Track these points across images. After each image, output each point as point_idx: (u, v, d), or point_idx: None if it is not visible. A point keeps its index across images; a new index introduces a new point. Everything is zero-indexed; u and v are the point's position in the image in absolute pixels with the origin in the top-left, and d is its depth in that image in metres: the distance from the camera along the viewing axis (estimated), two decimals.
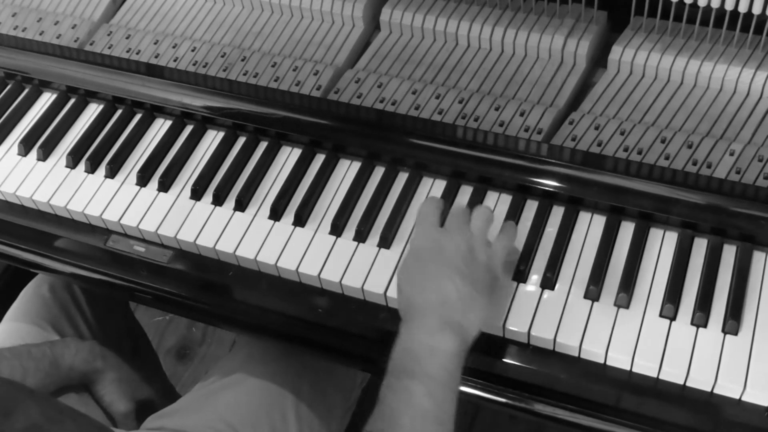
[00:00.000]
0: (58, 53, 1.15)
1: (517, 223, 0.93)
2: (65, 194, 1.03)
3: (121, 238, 1.01)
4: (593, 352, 0.84)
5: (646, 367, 0.83)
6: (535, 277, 0.90)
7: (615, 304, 0.87)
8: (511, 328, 0.86)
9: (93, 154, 1.06)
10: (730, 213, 0.89)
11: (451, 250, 0.81)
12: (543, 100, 1.02)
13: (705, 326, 0.84)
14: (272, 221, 0.98)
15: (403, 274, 0.84)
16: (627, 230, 0.92)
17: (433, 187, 0.98)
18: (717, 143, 0.94)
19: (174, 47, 1.14)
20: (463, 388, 0.89)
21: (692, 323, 0.84)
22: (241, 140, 1.06)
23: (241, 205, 0.99)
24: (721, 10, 0.95)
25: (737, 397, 0.81)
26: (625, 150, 0.95)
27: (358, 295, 0.92)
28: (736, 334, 0.83)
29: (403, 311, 0.81)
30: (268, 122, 1.04)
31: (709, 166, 0.92)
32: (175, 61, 1.12)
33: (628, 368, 0.84)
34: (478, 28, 1.07)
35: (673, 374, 0.82)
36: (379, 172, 1.00)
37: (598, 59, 1.06)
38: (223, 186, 1.01)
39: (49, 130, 1.10)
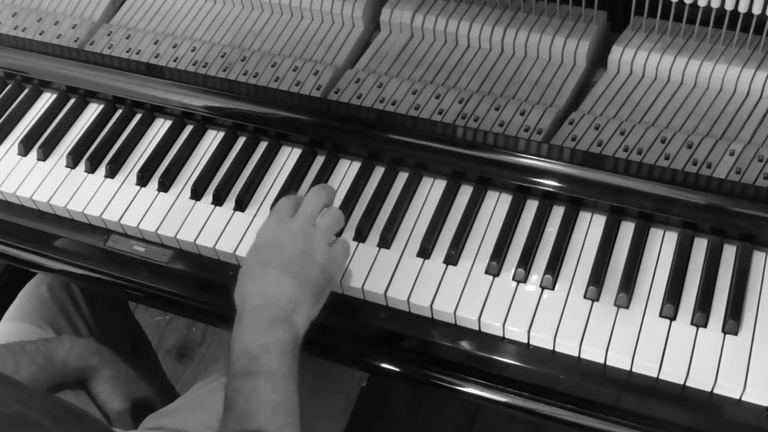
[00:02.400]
0: (58, 53, 1.15)
1: (517, 223, 0.93)
2: (65, 194, 1.03)
3: (121, 238, 1.01)
4: (593, 351, 0.84)
5: (646, 367, 0.83)
6: (535, 278, 0.90)
7: (615, 304, 0.87)
8: (511, 328, 0.87)
9: (93, 154, 1.06)
10: (730, 213, 0.89)
11: (289, 250, 0.84)
12: (543, 100, 1.02)
13: (705, 326, 0.84)
14: None
15: (244, 267, 0.86)
16: (627, 230, 0.92)
17: (433, 187, 0.98)
18: (717, 143, 0.94)
19: (174, 47, 1.14)
20: (463, 388, 0.89)
21: (692, 323, 0.85)
22: (241, 140, 1.06)
23: (241, 205, 0.99)
24: (721, 10, 0.95)
25: (737, 397, 0.81)
26: (625, 150, 0.95)
27: (357, 295, 0.92)
28: (736, 334, 0.83)
29: (238, 303, 0.84)
30: (268, 122, 1.04)
31: (709, 166, 0.92)
32: (175, 61, 1.12)
33: (628, 368, 0.84)
34: (478, 28, 1.07)
35: (673, 374, 0.82)
36: (379, 172, 1.00)
37: (598, 59, 1.06)
38: (223, 186, 1.01)
39: (49, 130, 1.10)
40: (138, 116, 1.10)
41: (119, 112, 1.11)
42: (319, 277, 0.84)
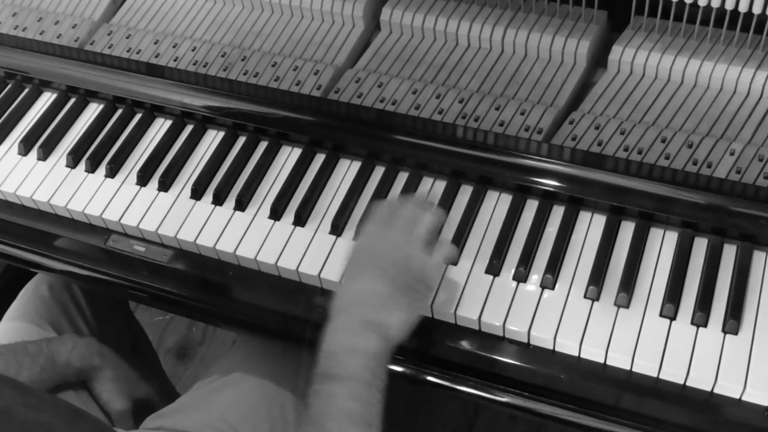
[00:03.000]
0: (59, 53, 1.15)
1: (517, 223, 0.93)
2: (65, 194, 1.03)
3: (121, 237, 1.01)
4: (593, 351, 0.84)
5: (646, 366, 0.83)
6: (535, 277, 0.90)
7: (615, 304, 0.87)
8: (511, 327, 0.87)
9: (93, 154, 1.06)
10: (730, 213, 0.89)
11: (386, 252, 0.83)
12: (543, 99, 1.02)
13: (705, 326, 0.84)
14: (272, 221, 0.98)
15: (346, 267, 0.85)
16: (627, 230, 0.92)
17: (433, 187, 0.98)
18: (717, 143, 0.94)
19: (174, 47, 1.14)
20: (463, 388, 0.89)
21: (692, 323, 0.85)
22: (242, 140, 1.06)
23: (241, 205, 0.99)
24: (722, 10, 0.95)
25: (737, 396, 0.81)
26: (626, 150, 0.95)
27: None
28: (736, 333, 0.83)
29: (334, 303, 0.82)
30: (268, 122, 1.04)
31: (709, 166, 0.92)
32: (175, 60, 1.12)
33: (629, 368, 0.84)
34: (479, 28, 1.07)
35: (673, 374, 0.82)
36: (379, 172, 1.00)
37: (599, 59, 1.06)
38: (223, 186, 1.01)
39: (49, 130, 1.10)
40: (138, 116, 1.10)
41: (119, 111, 1.11)
42: (415, 283, 0.82)
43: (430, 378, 0.90)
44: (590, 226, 0.93)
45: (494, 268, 0.90)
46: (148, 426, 1.00)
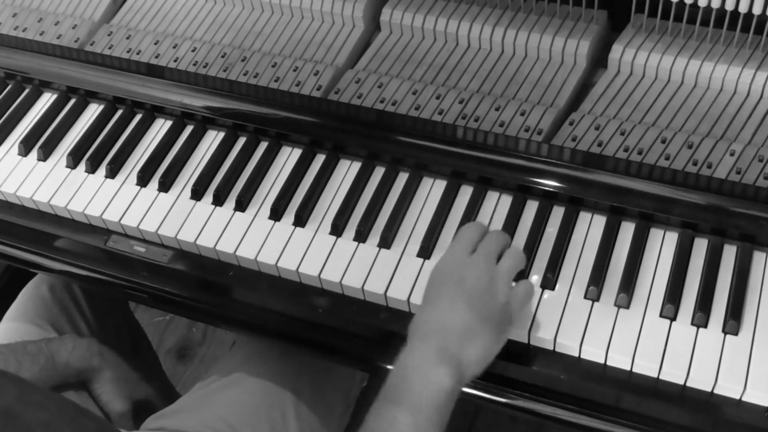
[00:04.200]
0: (59, 53, 1.15)
1: (517, 224, 0.93)
2: (65, 194, 1.03)
3: (121, 238, 1.01)
4: (593, 352, 0.84)
5: (646, 367, 0.83)
6: (535, 278, 0.90)
7: (615, 305, 0.87)
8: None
9: (93, 155, 1.06)
10: (730, 213, 0.89)
11: (471, 280, 0.80)
12: (543, 100, 1.02)
13: (705, 326, 0.84)
14: (272, 221, 0.98)
15: (426, 291, 0.83)
16: (627, 230, 0.92)
17: (433, 187, 0.98)
18: (717, 143, 0.94)
19: (174, 47, 1.14)
20: (463, 388, 0.89)
21: (692, 323, 0.85)
22: (242, 140, 1.06)
23: (241, 206, 0.99)
24: (722, 11, 0.95)
25: (737, 397, 0.81)
26: (626, 150, 0.95)
27: (358, 295, 0.92)
28: (736, 334, 0.83)
29: (411, 327, 0.80)
30: (269, 122, 1.04)
31: (709, 167, 0.92)
32: (175, 61, 1.12)
33: (629, 368, 0.84)
34: (479, 29, 1.07)
35: (673, 374, 0.82)
36: (379, 172, 1.00)
37: (599, 59, 1.06)
38: (223, 186, 1.01)
39: (49, 131, 1.10)
40: (138, 116, 1.10)
41: (119, 112, 1.11)
42: (499, 316, 0.79)
43: None
44: (590, 227, 0.93)
45: None
46: (149, 426, 1.00)
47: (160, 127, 1.09)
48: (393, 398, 0.74)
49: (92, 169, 1.05)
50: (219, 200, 1.00)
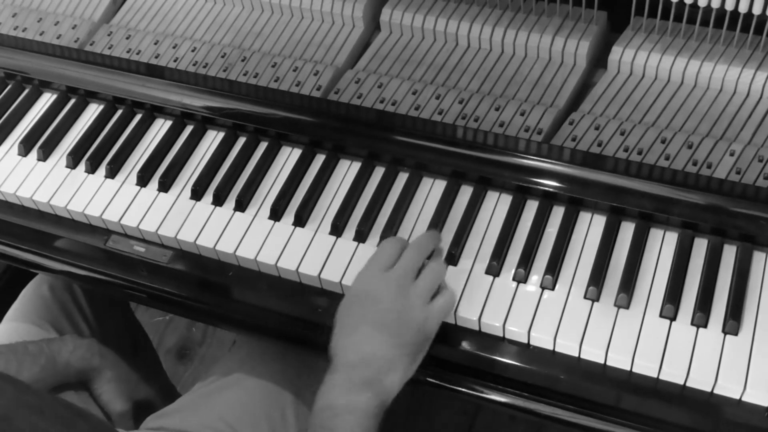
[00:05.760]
0: (59, 53, 1.15)
1: (517, 224, 0.93)
2: (65, 194, 1.03)
3: (121, 238, 1.01)
4: (593, 352, 0.84)
5: (646, 367, 0.83)
6: (535, 278, 0.90)
7: (615, 305, 0.87)
8: (511, 328, 0.87)
9: (93, 155, 1.06)
10: (730, 213, 0.89)
11: (385, 306, 0.81)
12: (543, 100, 1.02)
13: (705, 326, 0.84)
14: (272, 221, 0.98)
15: (340, 317, 0.84)
16: (627, 230, 0.92)
17: (433, 188, 0.98)
18: (717, 143, 0.94)
19: (174, 47, 1.14)
20: (463, 389, 0.89)
21: (692, 323, 0.85)
22: (241, 140, 1.06)
23: (241, 206, 0.99)
24: (721, 11, 0.95)
25: (737, 397, 0.81)
26: (626, 150, 0.95)
27: None
28: (736, 334, 0.83)
29: (332, 355, 0.82)
30: (269, 122, 1.04)
31: (709, 167, 0.92)
32: (175, 61, 1.12)
33: (628, 368, 0.84)
34: (478, 29, 1.07)
35: (673, 374, 0.82)
36: (379, 172, 1.00)
37: (598, 59, 1.06)
38: (223, 186, 1.01)
39: (49, 131, 1.10)
40: (138, 116, 1.10)
41: (119, 112, 1.11)
42: (416, 337, 0.81)
43: (430, 378, 0.90)
44: (590, 227, 0.93)
45: (494, 268, 0.90)
46: (149, 426, 1.00)
47: (160, 127, 1.09)
48: (323, 426, 0.77)
49: (92, 169, 1.05)
50: (219, 200, 1.00)
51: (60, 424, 0.63)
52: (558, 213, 0.94)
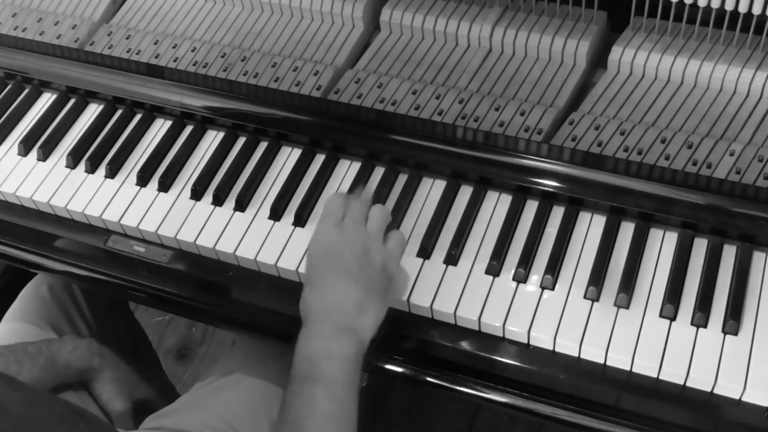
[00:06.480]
0: (58, 53, 1.15)
1: (517, 224, 0.93)
2: (65, 194, 1.03)
3: (121, 238, 1.01)
4: (593, 352, 0.84)
5: (646, 367, 0.83)
6: (535, 278, 0.90)
7: (615, 305, 0.87)
8: (510, 328, 0.87)
9: (93, 155, 1.06)
10: (730, 213, 0.89)
11: (347, 254, 0.83)
12: (543, 100, 1.02)
13: (705, 326, 0.84)
14: (272, 221, 0.98)
15: (306, 276, 0.86)
16: (627, 230, 0.92)
17: (433, 187, 0.98)
18: (717, 143, 0.94)
19: (174, 47, 1.14)
20: (463, 389, 0.89)
21: (692, 323, 0.85)
22: (241, 140, 1.06)
23: (241, 206, 0.99)
24: (721, 11, 0.95)
25: (737, 397, 0.81)
26: (625, 150, 0.95)
27: None
28: (736, 334, 0.83)
29: (302, 312, 0.83)
30: (268, 122, 1.04)
31: (709, 167, 0.92)
32: (175, 61, 1.12)
33: (628, 368, 0.84)
34: (478, 29, 1.07)
35: (673, 374, 0.82)
36: (379, 172, 1.00)
37: (598, 59, 1.06)
38: (223, 186, 1.01)
39: (49, 131, 1.10)
40: (138, 116, 1.10)
41: (119, 112, 1.11)
42: (380, 277, 0.84)
43: (429, 378, 0.90)
44: (590, 227, 0.93)
45: (494, 268, 0.90)
46: (148, 426, 1.00)
47: (160, 127, 1.09)
48: (305, 378, 0.78)
49: (92, 169, 1.05)
50: (219, 200, 1.00)
51: (54, 415, 0.63)
52: (558, 213, 0.94)
